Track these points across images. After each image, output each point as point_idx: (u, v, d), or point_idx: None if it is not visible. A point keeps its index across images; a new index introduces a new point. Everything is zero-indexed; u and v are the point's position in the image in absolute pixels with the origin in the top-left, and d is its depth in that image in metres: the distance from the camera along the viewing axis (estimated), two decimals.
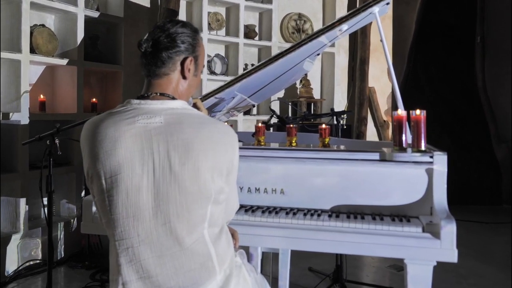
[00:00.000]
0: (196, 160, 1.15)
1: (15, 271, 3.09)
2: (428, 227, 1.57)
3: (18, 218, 3.14)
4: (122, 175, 1.14)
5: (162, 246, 1.15)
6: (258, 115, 4.75)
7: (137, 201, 1.14)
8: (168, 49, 1.23)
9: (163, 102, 1.22)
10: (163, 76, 1.25)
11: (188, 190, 1.15)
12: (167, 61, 1.24)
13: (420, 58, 5.66)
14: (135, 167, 1.14)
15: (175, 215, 1.15)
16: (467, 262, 3.45)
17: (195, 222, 1.17)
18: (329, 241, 1.66)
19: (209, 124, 1.21)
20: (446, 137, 5.58)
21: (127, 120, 1.17)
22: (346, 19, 2.09)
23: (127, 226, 1.15)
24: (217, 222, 1.24)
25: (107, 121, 1.19)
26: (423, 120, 1.75)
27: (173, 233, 1.15)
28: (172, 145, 1.14)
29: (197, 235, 1.18)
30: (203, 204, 1.17)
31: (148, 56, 1.24)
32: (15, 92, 3.19)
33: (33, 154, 3.24)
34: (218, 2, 4.64)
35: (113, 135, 1.15)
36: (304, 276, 3.12)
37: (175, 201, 1.14)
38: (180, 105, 1.23)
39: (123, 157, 1.14)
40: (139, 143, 1.15)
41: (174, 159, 1.14)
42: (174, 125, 1.17)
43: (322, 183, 1.80)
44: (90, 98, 3.84)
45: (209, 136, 1.18)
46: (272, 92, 2.88)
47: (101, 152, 1.15)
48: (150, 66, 1.25)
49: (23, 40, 3.17)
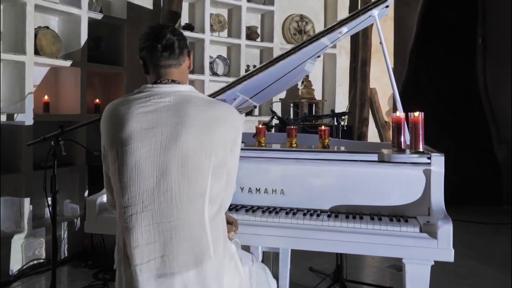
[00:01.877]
0: (200, 134, 1.27)
1: (19, 270, 3.13)
2: (425, 227, 1.60)
3: (22, 217, 3.18)
4: (132, 145, 1.27)
5: (162, 214, 1.25)
6: (260, 116, 4.78)
7: (144, 170, 1.25)
8: (183, 43, 1.42)
9: (173, 86, 1.37)
10: (177, 65, 1.41)
11: (190, 161, 1.25)
12: (182, 52, 1.41)
13: (421, 59, 5.67)
14: (144, 138, 1.27)
15: (176, 185, 1.25)
16: (467, 262, 3.46)
17: (195, 194, 1.26)
18: (328, 241, 1.68)
19: (216, 103, 1.36)
20: (447, 138, 5.60)
21: (140, 100, 1.33)
22: (345, 22, 2.12)
23: (134, 193, 1.26)
24: (217, 199, 1.32)
25: (123, 101, 1.35)
26: (421, 122, 1.78)
27: (173, 201, 1.25)
28: (180, 120, 1.27)
29: (196, 208, 1.26)
30: (203, 176, 1.27)
31: (167, 48, 1.37)
32: (20, 93, 3.22)
33: (37, 155, 3.27)
34: (220, 3, 4.67)
35: (127, 111, 1.30)
36: (304, 275, 3.15)
37: (177, 171, 1.25)
38: (188, 89, 1.38)
39: (134, 129, 1.27)
40: (150, 117, 1.28)
41: (180, 132, 1.26)
42: (181, 103, 1.31)
43: (321, 183, 1.83)
44: (94, 99, 3.87)
45: (212, 115, 1.31)
46: (273, 93, 2.91)
47: (116, 126, 1.30)
48: (169, 57, 1.38)
49: (27, 42, 3.21)
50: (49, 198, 2.41)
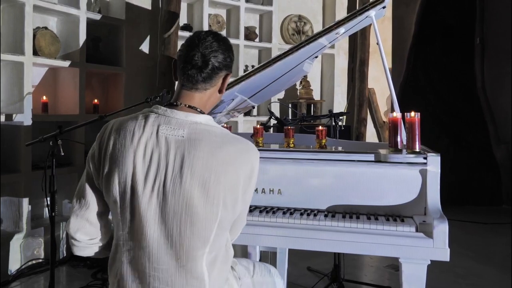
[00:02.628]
0: (208, 181, 1.13)
1: (18, 270, 3.14)
2: (421, 226, 1.61)
3: (21, 217, 3.19)
4: (136, 180, 1.15)
5: (160, 258, 1.16)
6: (258, 116, 4.78)
7: (145, 209, 1.14)
8: (217, 68, 1.22)
9: (188, 115, 1.20)
10: (202, 90, 1.24)
11: (194, 210, 1.13)
12: (213, 77, 1.23)
13: (419, 59, 5.69)
14: (149, 175, 1.14)
15: (178, 232, 1.14)
16: (466, 262, 3.47)
17: (197, 243, 1.15)
18: (325, 240, 1.69)
19: (229, 145, 1.18)
20: (445, 138, 5.62)
21: (150, 127, 1.17)
22: (343, 22, 2.13)
23: (133, 229, 1.17)
24: (218, 244, 1.22)
25: (131, 124, 1.19)
26: (417, 122, 1.78)
27: (172, 248, 1.15)
28: (188, 161, 1.13)
29: (196, 257, 1.17)
30: (208, 227, 1.15)
31: (195, 69, 1.21)
32: (18, 94, 3.23)
33: (35, 155, 3.28)
34: (219, 4, 4.68)
35: (135, 139, 1.16)
36: (303, 275, 3.16)
37: (180, 218, 1.13)
38: (204, 120, 1.21)
39: (141, 164, 1.15)
40: (157, 153, 1.15)
41: (187, 175, 1.12)
42: (193, 141, 1.15)
43: (318, 183, 1.84)
44: (92, 100, 3.88)
45: (225, 158, 1.15)
46: (272, 93, 2.92)
47: (121, 154, 1.16)
48: (193, 79, 1.22)
49: (26, 43, 3.22)
50: (47, 198, 2.42)
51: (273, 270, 1.63)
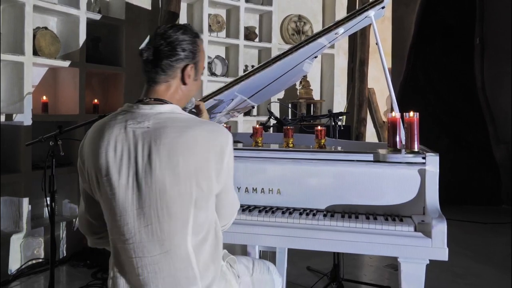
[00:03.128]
0: (177, 165, 1.16)
1: (18, 270, 3.14)
2: (419, 226, 1.61)
3: (21, 217, 3.19)
4: (111, 176, 1.19)
5: (144, 248, 1.19)
6: (258, 116, 4.79)
7: (123, 202, 1.19)
8: (169, 58, 1.26)
9: (153, 107, 1.24)
10: (163, 83, 1.28)
11: (168, 194, 1.16)
12: (168, 69, 1.27)
13: (419, 59, 5.69)
14: (122, 169, 1.19)
15: (156, 218, 1.17)
16: (465, 262, 3.48)
17: (176, 226, 1.18)
18: (324, 240, 1.70)
19: (194, 127, 1.20)
20: (445, 138, 5.62)
21: (119, 125, 1.22)
22: (342, 22, 2.13)
23: (115, 225, 1.21)
24: (202, 227, 1.23)
25: (105, 123, 1.25)
26: (416, 122, 1.79)
27: (154, 235, 1.18)
28: (155, 149, 1.17)
29: (178, 240, 1.19)
30: (184, 209, 1.18)
31: (149, 64, 1.26)
32: (18, 94, 3.24)
33: (35, 155, 3.29)
34: (219, 4, 4.69)
35: (106, 137, 1.21)
36: (302, 275, 3.16)
37: (156, 204, 1.17)
38: (168, 109, 1.25)
39: (113, 160, 1.19)
40: (127, 147, 1.19)
41: (156, 163, 1.16)
42: (159, 129, 1.19)
43: (317, 183, 1.84)
44: (92, 100, 3.89)
45: (191, 140, 1.18)
46: (272, 93, 2.92)
47: (94, 155, 1.22)
48: (151, 73, 1.27)
49: (26, 43, 3.22)
50: (47, 198, 2.43)
51: (271, 268, 1.64)
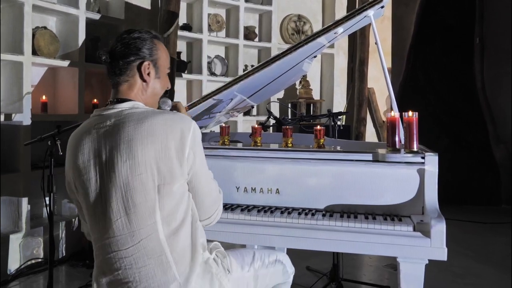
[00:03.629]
0: (135, 155, 1.21)
1: (17, 270, 3.14)
2: (418, 226, 1.61)
3: (20, 217, 3.19)
4: (83, 177, 1.26)
5: (118, 242, 1.23)
6: (258, 116, 4.79)
7: (95, 200, 1.25)
8: (123, 57, 1.31)
9: (115, 106, 1.30)
10: (123, 83, 1.33)
11: (131, 185, 1.22)
12: (125, 68, 1.32)
13: (419, 59, 5.69)
14: (91, 170, 1.25)
15: (124, 211, 1.22)
16: (465, 262, 3.47)
17: (144, 216, 1.22)
18: (323, 240, 1.70)
19: (152, 117, 1.25)
20: (445, 138, 5.62)
21: (87, 129, 1.30)
22: (341, 22, 2.12)
23: (93, 223, 1.27)
24: (174, 217, 1.25)
25: (78, 130, 1.34)
26: (415, 122, 1.78)
27: (125, 228, 1.23)
28: (115, 145, 1.23)
29: (148, 230, 1.22)
30: (148, 197, 1.22)
31: (108, 66, 1.33)
32: (18, 94, 3.24)
33: (35, 154, 3.28)
34: (218, 3, 4.69)
35: (78, 141, 1.29)
36: (302, 275, 3.16)
37: (121, 197, 1.22)
38: (128, 106, 1.30)
39: (82, 162, 1.26)
40: (92, 148, 1.26)
41: (117, 157, 1.22)
42: (118, 126, 1.25)
43: (316, 183, 1.84)
44: (91, 99, 3.88)
45: (148, 129, 1.23)
46: (271, 92, 2.92)
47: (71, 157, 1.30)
48: (111, 75, 1.33)
49: (25, 42, 3.22)
50: (46, 198, 2.42)
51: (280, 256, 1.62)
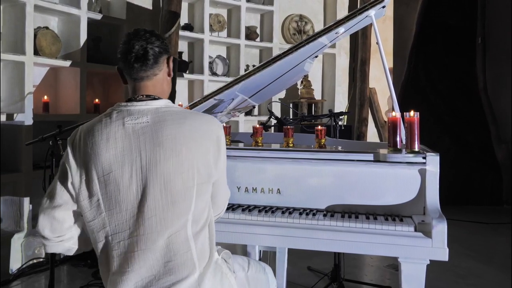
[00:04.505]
0: (179, 154, 1.23)
1: (19, 269, 3.15)
2: (419, 226, 1.60)
3: (21, 217, 3.20)
4: (113, 173, 1.23)
5: (147, 240, 1.23)
6: (259, 116, 4.79)
7: (127, 197, 1.23)
8: (159, 53, 1.33)
9: (148, 103, 1.30)
10: (152, 77, 1.34)
11: (172, 183, 1.22)
12: (157, 62, 1.33)
13: (421, 59, 5.68)
14: (124, 165, 1.23)
15: (160, 209, 1.22)
16: (466, 262, 3.47)
17: (179, 214, 1.24)
18: (324, 240, 1.69)
19: (190, 118, 1.29)
20: (446, 138, 5.60)
21: (116, 122, 1.26)
22: (342, 22, 2.12)
23: (119, 220, 1.24)
24: (201, 216, 1.29)
25: (97, 124, 1.28)
26: (416, 122, 1.78)
27: (158, 226, 1.23)
28: (157, 142, 1.23)
29: (179, 227, 1.24)
30: (187, 196, 1.24)
31: (139, 59, 1.30)
32: (19, 93, 3.24)
33: (36, 154, 3.29)
34: (220, 3, 4.69)
35: (103, 136, 1.25)
36: (303, 275, 3.16)
37: (160, 195, 1.22)
38: (163, 104, 1.32)
39: (114, 157, 1.23)
40: (127, 143, 1.24)
41: (159, 155, 1.22)
42: (159, 123, 1.25)
43: (317, 183, 1.84)
44: (93, 99, 3.89)
45: (190, 130, 1.26)
46: (272, 92, 2.92)
47: (94, 153, 1.24)
48: (141, 69, 1.31)
49: (27, 42, 3.22)
50: None
51: (267, 269, 1.65)
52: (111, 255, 1.26)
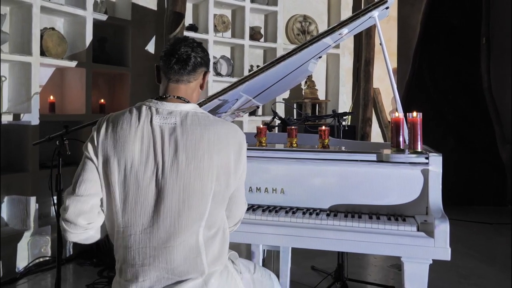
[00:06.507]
0: (201, 160, 1.26)
1: (26, 268, 3.18)
2: (422, 226, 1.62)
3: (28, 216, 3.23)
4: (135, 168, 1.26)
5: (160, 238, 1.25)
6: (263, 116, 4.80)
7: (146, 193, 1.26)
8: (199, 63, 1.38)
9: (177, 105, 1.33)
10: (186, 82, 1.38)
11: (191, 188, 1.25)
12: (195, 71, 1.38)
13: (425, 59, 5.67)
14: (148, 162, 1.26)
15: (176, 211, 1.25)
16: (470, 262, 3.47)
17: (193, 218, 1.26)
18: (327, 239, 1.71)
19: (216, 125, 1.32)
20: (451, 138, 5.60)
21: (145, 118, 1.30)
22: (345, 23, 2.13)
23: (134, 214, 1.26)
24: (215, 223, 1.32)
25: (128, 115, 1.31)
26: (419, 122, 1.79)
27: (171, 227, 1.25)
28: (181, 145, 1.26)
29: (192, 232, 1.26)
30: (203, 202, 1.27)
31: (180, 62, 1.35)
32: (26, 94, 3.28)
33: (43, 154, 3.32)
34: (224, 4, 4.71)
35: (132, 128, 1.28)
36: (307, 274, 3.17)
37: (178, 197, 1.25)
38: (191, 108, 1.35)
39: (139, 152, 1.26)
40: (153, 141, 1.27)
41: (182, 158, 1.25)
42: (185, 127, 1.29)
43: (321, 183, 1.86)
44: (98, 99, 3.92)
45: (214, 136, 1.29)
46: (276, 93, 2.93)
47: (119, 145, 1.27)
48: (179, 72, 1.36)
49: (33, 43, 3.26)
50: (54, 197, 2.45)
51: (273, 276, 1.67)
52: (121, 245, 1.29)
